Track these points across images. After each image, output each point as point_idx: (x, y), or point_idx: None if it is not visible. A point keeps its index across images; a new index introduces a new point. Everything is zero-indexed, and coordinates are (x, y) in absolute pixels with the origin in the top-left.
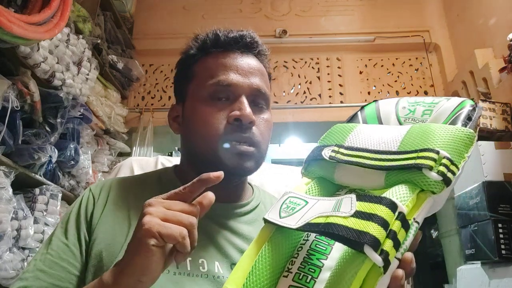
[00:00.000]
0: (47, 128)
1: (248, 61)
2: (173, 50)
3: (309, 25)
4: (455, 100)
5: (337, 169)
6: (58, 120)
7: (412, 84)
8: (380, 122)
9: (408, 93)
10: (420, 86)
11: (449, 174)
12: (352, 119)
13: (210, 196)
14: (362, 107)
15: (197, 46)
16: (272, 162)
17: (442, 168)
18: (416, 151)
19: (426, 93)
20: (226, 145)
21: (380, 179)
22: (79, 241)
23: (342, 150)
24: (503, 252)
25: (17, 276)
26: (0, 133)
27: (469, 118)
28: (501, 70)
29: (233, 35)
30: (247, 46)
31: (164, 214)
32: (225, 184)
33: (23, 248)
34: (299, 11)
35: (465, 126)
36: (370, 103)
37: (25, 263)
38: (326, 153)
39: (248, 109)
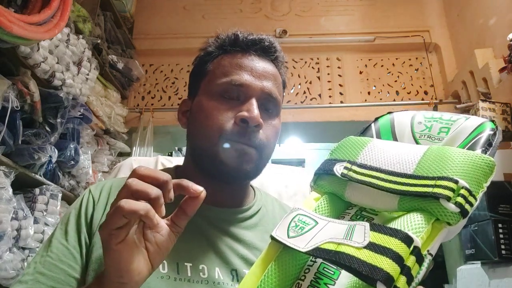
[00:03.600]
0: (47, 128)
1: (263, 65)
2: (173, 50)
3: (309, 25)
4: (475, 120)
5: (348, 187)
6: (58, 120)
7: (412, 84)
8: (394, 136)
9: (408, 93)
10: (420, 86)
11: (467, 206)
12: (365, 131)
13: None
14: (376, 119)
15: (216, 44)
16: (272, 162)
17: (460, 199)
18: (433, 178)
19: (426, 93)
20: (229, 143)
21: (393, 202)
22: (79, 244)
23: (354, 167)
24: (503, 252)
25: (17, 276)
26: (0, 133)
27: (489, 143)
28: (501, 70)
29: (252, 37)
30: (264, 50)
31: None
32: (223, 187)
33: (23, 248)
34: (299, 11)
35: (485, 153)
36: (384, 114)
37: (25, 263)
38: (338, 169)
39: (256, 111)
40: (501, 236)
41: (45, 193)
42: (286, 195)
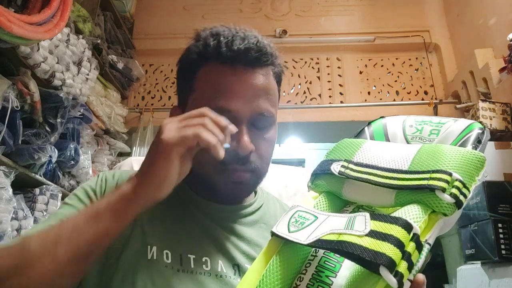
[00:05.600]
0: (47, 128)
1: (252, 80)
2: (173, 50)
3: (309, 25)
4: (463, 122)
5: (345, 184)
6: (58, 120)
7: (412, 84)
8: (387, 139)
9: (408, 93)
10: (420, 86)
11: (461, 197)
12: (359, 134)
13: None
14: (369, 123)
15: (198, 51)
16: (272, 162)
17: (455, 191)
18: (428, 171)
19: (426, 93)
20: (223, 173)
21: (390, 197)
22: None
23: (351, 165)
24: (503, 252)
25: None
26: (0, 133)
27: (478, 141)
28: (501, 70)
29: (237, 47)
30: (252, 61)
31: (179, 124)
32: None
33: None
34: (299, 11)
35: (475, 149)
36: (377, 119)
37: None
38: (335, 168)
39: (245, 139)
40: (501, 236)
41: (45, 193)
42: (286, 195)
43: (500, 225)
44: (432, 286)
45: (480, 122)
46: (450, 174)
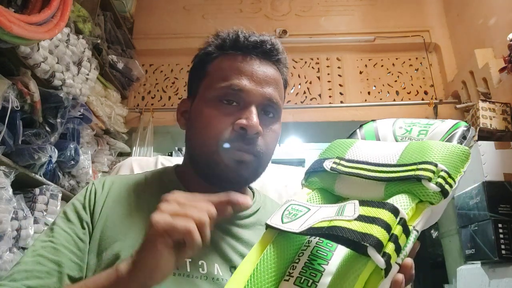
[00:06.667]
0: (47, 128)
1: (264, 69)
2: (173, 50)
3: (309, 25)
4: (450, 122)
5: (337, 180)
6: (58, 120)
7: (412, 84)
8: (378, 140)
9: (408, 93)
10: (420, 86)
11: (447, 186)
12: (351, 136)
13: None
14: (361, 125)
15: (216, 44)
16: (272, 162)
17: (440, 180)
18: (415, 163)
19: (426, 93)
20: (227, 151)
21: (379, 190)
22: (82, 232)
23: (343, 162)
24: (503, 252)
25: None
26: (0, 133)
27: (464, 137)
28: (501, 70)
29: (253, 39)
30: (265, 53)
31: (175, 210)
32: (221, 189)
33: (23, 248)
34: (299, 11)
35: (461, 144)
36: (368, 122)
37: None
38: (327, 164)
39: (255, 119)
40: (501, 236)
41: (45, 193)
42: (286, 195)
43: (500, 225)
44: (432, 286)
45: (467, 122)
46: (436, 165)
